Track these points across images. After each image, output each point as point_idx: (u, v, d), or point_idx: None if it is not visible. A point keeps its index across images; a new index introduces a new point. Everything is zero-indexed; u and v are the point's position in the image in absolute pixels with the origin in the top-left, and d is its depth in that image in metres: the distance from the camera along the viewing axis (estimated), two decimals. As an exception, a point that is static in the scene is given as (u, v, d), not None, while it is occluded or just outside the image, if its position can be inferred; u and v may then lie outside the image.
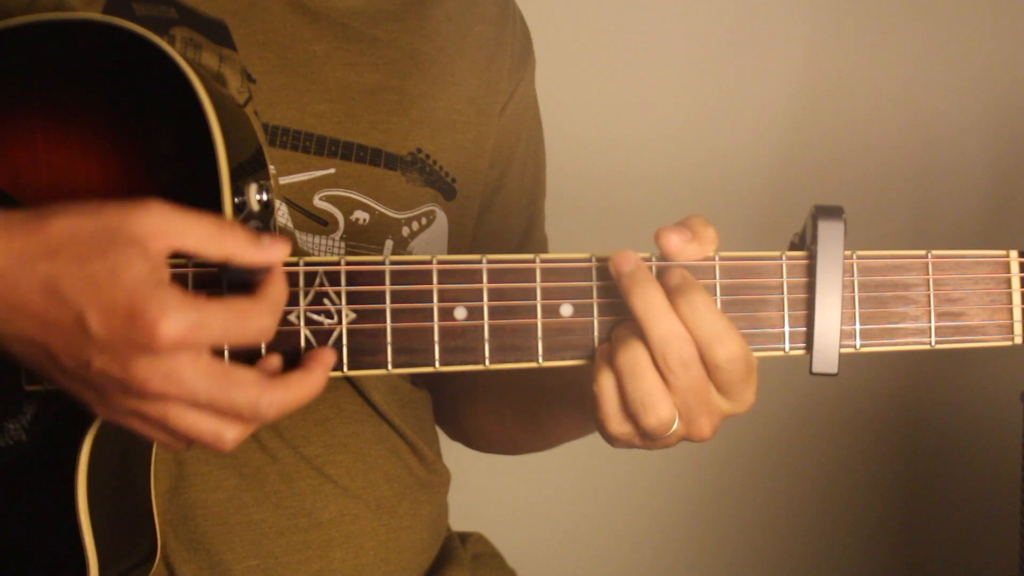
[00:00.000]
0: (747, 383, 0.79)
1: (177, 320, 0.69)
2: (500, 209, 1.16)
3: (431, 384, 1.18)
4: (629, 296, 0.79)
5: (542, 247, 1.21)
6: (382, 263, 0.81)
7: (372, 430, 1.05)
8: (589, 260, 0.82)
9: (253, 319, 0.73)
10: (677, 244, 0.80)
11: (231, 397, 0.73)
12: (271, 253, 0.74)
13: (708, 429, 0.80)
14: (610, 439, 0.84)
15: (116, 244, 0.70)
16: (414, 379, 1.14)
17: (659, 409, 0.78)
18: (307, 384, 0.77)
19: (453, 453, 1.23)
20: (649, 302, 0.78)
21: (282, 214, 0.98)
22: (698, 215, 0.82)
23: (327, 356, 0.79)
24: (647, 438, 0.81)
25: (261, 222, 0.83)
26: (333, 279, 0.80)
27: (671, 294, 0.78)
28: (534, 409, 1.07)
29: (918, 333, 0.83)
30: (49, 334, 0.71)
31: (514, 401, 1.11)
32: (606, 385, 0.79)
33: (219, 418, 0.74)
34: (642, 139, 1.93)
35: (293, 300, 0.80)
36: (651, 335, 0.78)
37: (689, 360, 0.77)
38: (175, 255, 0.72)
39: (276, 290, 0.75)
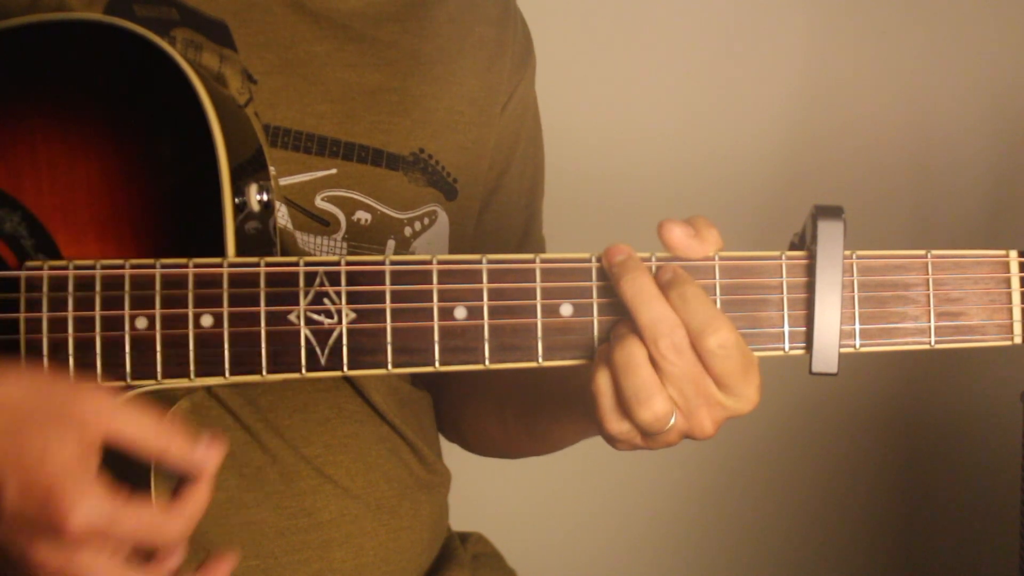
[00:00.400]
0: (745, 377, 0.79)
1: (89, 514, 0.71)
2: (498, 209, 1.16)
3: (431, 386, 1.18)
4: (618, 283, 0.79)
5: (540, 248, 1.21)
6: (382, 263, 0.81)
7: (372, 430, 1.05)
8: (589, 260, 0.82)
9: (165, 529, 0.75)
10: (678, 237, 0.80)
11: None
12: (204, 458, 0.76)
13: (709, 424, 0.80)
14: (611, 440, 0.83)
15: (54, 422, 0.71)
16: (414, 380, 1.14)
17: (654, 403, 0.77)
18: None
19: (453, 453, 1.23)
20: (639, 288, 0.78)
21: (282, 215, 0.98)
22: (702, 216, 0.82)
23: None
24: (646, 436, 0.81)
25: (261, 222, 0.83)
26: (333, 279, 0.80)
27: (663, 286, 0.79)
28: (537, 412, 1.07)
29: (918, 333, 0.83)
30: None
31: (516, 404, 1.10)
32: (602, 382, 0.79)
33: None
34: (642, 139, 1.93)
35: (293, 300, 0.80)
36: (640, 321, 0.78)
37: (680, 345, 0.77)
38: (110, 444, 0.73)
39: (196, 499, 0.77)
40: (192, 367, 0.81)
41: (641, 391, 0.77)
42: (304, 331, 0.80)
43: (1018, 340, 0.84)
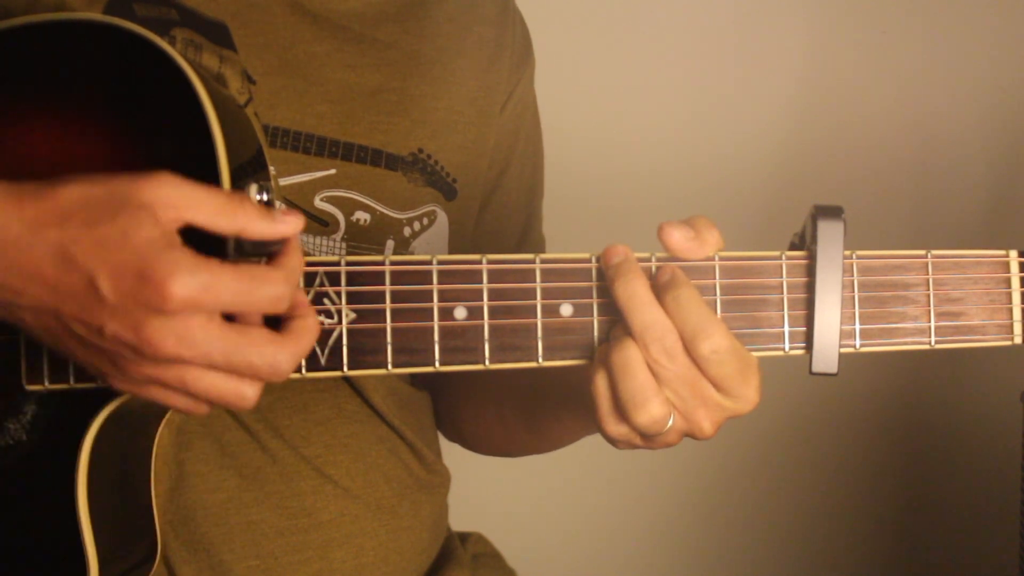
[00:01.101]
0: (743, 379, 0.79)
1: (188, 280, 0.69)
2: (498, 208, 1.16)
3: (429, 386, 1.18)
4: (613, 286, 0.79)
5: (540, 247, 1.21)
6: (382, 263, 0.81)
7: (372, 431, 1.05)
8: (589, 260, 0.82)
9: (266, 285, 0.72)
10: (678, 240, 0.80)
11: (248, 357, 0.72)
12: (284, 226, 0.73)
13: (708, 425, 0.80)
14: (611, 440, 0.84)
15: (126, 209, 0.70)
16: (413, 381, 1.14)
17: (650, 406, 0.78)
18: (310, 330, 0.76)
19: (453, 453, 1.23)
20: (632, 292, 0.78)
21: (282, 215, 0.98)
22: (703, 216, 0.82)
23: (311, 313, 0.77)
24: (645, 437, 0.81)
25: (261, 222, 0.83)
26: (333, 279, 0.80)
27: (659, 289, 0.79)
28: (537, 411, 1.07)
29: (918, 333, 0.83)
30: (61, 300, 0.71)
31: (516, 402, 1.10)
32: (600, 384, 0.80)
33: (238, 378, 0.73)
34: (642, 139, 1.93)
35: (293, 300, 0.80)
36: (633, 325, 0.78)
37: (672, 350, 0.77)
38: (186, 228, 0.71)
39: (291, 260, 0.74)
40: (192, 367, 0.80)
41: (637, 394, 0.77)
42: (304, 331, 0.80)
43: (1018, 340, 0.84)
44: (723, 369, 0.78)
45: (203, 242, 0.72)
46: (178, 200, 0.70)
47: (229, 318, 0.72)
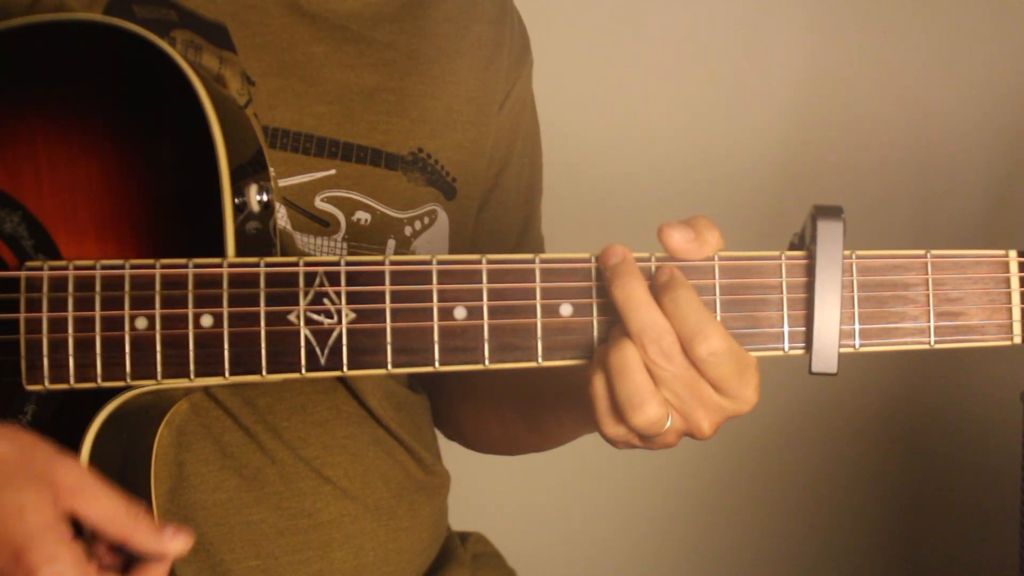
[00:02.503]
0: (741, 380, 0.79)
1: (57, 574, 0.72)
2: (496, 207, 1.16)
3: (429, 385, 1.18)
4: (611, 287, 0.79)
5: (538, 247, 1.21)
6: (382, 263, 0.81)
7: (369, 433, 1.05)
8: (589, 260, 0.82)
9: None
10: (678, 241, 0.80)
11: None
12: (168, 545, 0.77)
13: (707, 426, 0.80)
14: (610, 441, 0.83)
15: (35, 484, 0.73)
16: (411, 383, 1.14)
17: (647, 408, 0.77)
18: None
19: (453, 453, 1.23)
20: (629, 293, 0.78)
21: (281, 216, 0.98)
22: (704, 216, 0.82)
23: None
24: (643, 438, 0.81)
25: (261, 223, 0.83)
26: (333, 279, 0.80)
27: (657, 290, 0.79)
28: (536, 409, 1.07)
29: (917, 333, 0.83)
30: None
31: (515, 401, 1.10)
32: (598, 385, 0.79)
33: None
34: (642, 138, 1.93)
35: (293, 300, 0.80)
36: (631, 326, 0.78)
37: (669, 351, 0.77)
38: (75, 519, 0.75)
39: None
40: (192, 367, 0.81)
41: (635, 396, 0.77)
42: (304, 331, 0.80)
43: (1018, 340, 0.84)
44: (721, 371, 0.78)
45: None
46: (83, 490, 0.75)
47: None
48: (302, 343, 0.80)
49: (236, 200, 0.81)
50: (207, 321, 0.78)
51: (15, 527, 0.72)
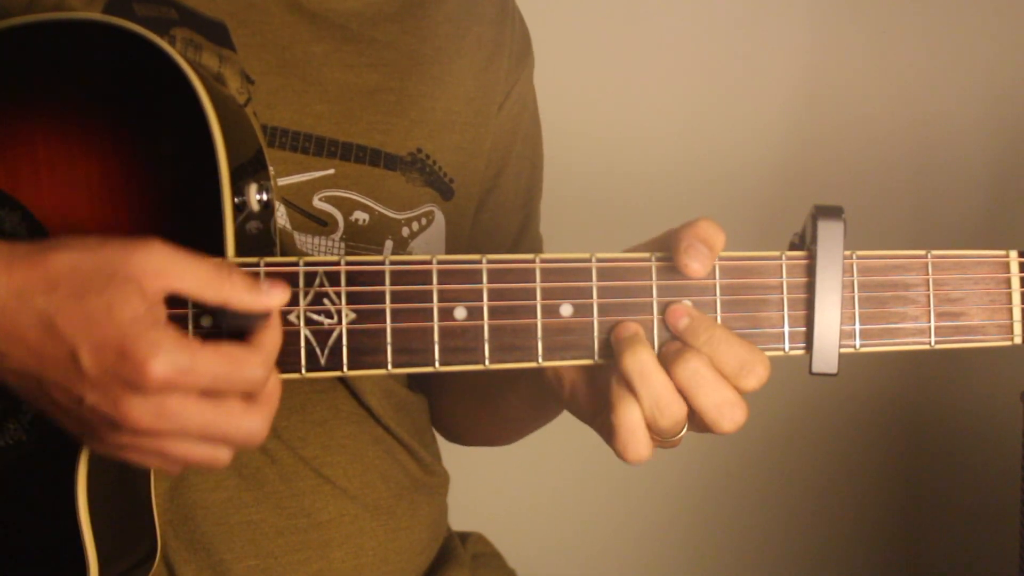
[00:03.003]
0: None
1: (168, 362, 0.70)
2: (494, 208, 1.16)
3: (425, 387, 1.18)
4: (620, 359, 0.79)
5: (536, 247, 1.21)
6: (382, 263, 0.80)
7: (368, 432, 1.05)
8: (589, 260, 0.82)
9: (245, 369, 0.74)
10: (700, 271, 0.80)
11: (224, 430, 0.74)
12: (268, 299, 0.75)
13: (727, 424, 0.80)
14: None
15: (114, 282, 0.71)
16: (410, 384, 1.14)
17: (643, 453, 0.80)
18: (278, 394, 0.78)
19: (453, 453, 1.23)
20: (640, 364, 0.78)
21: (280, 215, 0.98)
22: (707, 220, 0.81)
23: (274, 382, 0.79)
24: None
25: (261, 222, 0.83)
26: (333, 279, 0.80)
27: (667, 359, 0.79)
28: (490, 392, 1.09)
29: (918, 333, 0.83)
30: (44, 368, 0.72)
31: (473, 388, 1.12)
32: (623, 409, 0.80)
33: (213, 445, 0.75)
34: (642, 138, 1.93)
35: (293, 300, 0.80)
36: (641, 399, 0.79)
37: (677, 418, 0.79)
38: (172, 297, 0.73)
39: (270, 339, 0.76)
40: (191, 367, 0.80)
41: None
42: (304, 331, 0.80)
43: (1018, 340, 0.84)
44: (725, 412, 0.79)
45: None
46: (166, 270, 0.72)
47: None
48: (302, 343, 0.80)
49: (236, 199, 0.80)
50: (207, 321, 0.78)
51: (108, 327, 0.70)
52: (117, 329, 0.70)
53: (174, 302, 0.75)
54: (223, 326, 0.76)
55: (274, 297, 0.76)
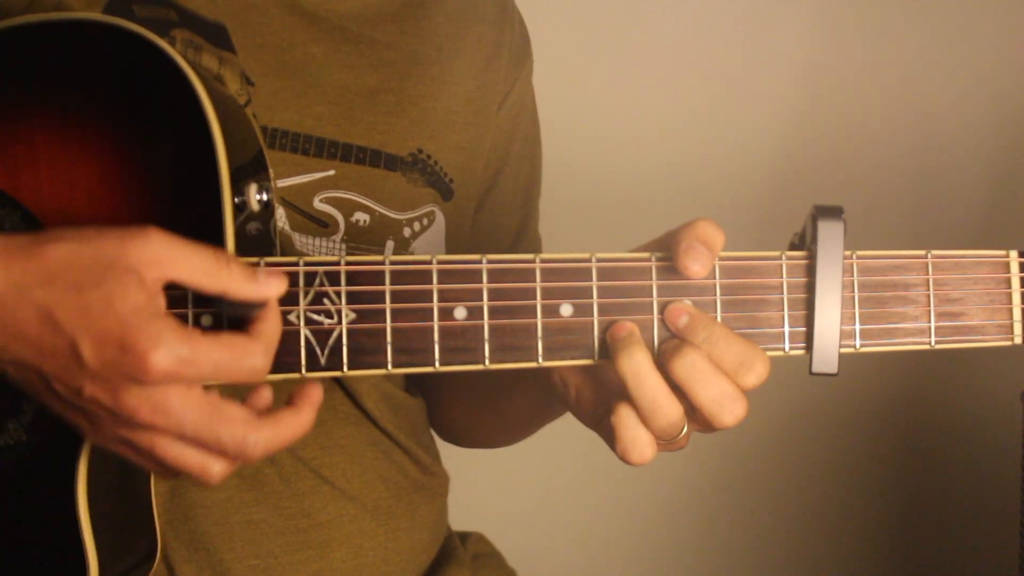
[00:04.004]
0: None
1: (168, 353, 0.70)
2: (493, 208, 1.16)
3: (422, 386, 1.18)
4: (616, 358, 0.79)
5: (535, 247, 1.21)
6: (382, 263, 0.80)
7: (366, 434, 1.06)
8: (589, 260, 0.82)
9: (246, 359, 0.73)
10: (700, 272, 0.80)
11: (218, 434, 0.73)
12: (267, 288, 0.75)
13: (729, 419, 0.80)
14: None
15: (112, 273, 0.70)
16: (407, 386, 1.14)
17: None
18: (296, 423, 0.77)
19: (453, 454, 1.23)
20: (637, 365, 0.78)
21: (280, 217, 0.98)
22: (706, 221, 0.81)
23: (315, 394, 0.78)
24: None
25: (261, 223, 0.83)
26: (333, 279, 0.80)
27: (667, 355, 0.78)
28: (494, 393, 1.09)
29: (918, 333, 0.83)
30: (43, 360, 0.72)
31: (475, 388, 1.12)
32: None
33: (206, 452, 0.75)
34: (642, 138, 1.93)
35: (293, 300, 0.80)
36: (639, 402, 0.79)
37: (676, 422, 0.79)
38: (170, 286, 0.73)
39: (270, 328, 0.76)
40: (192, 367, 0.80)
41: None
42: (304, 331, 0.80)
43: (1018, 340, 0.84)
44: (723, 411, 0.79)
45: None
46: (165, 258, 0.72)
47: None
48: (302, 343, 0.80)
49: (236, 200, 0.80)
50: (207, 321, 0.78)
51: (109, 319, 0.70)
52: (117, 321, 0.70)
53: (173, 291, 0.75)
54: (222, 315, 0.76)
55: (272, 286, 0.75)
